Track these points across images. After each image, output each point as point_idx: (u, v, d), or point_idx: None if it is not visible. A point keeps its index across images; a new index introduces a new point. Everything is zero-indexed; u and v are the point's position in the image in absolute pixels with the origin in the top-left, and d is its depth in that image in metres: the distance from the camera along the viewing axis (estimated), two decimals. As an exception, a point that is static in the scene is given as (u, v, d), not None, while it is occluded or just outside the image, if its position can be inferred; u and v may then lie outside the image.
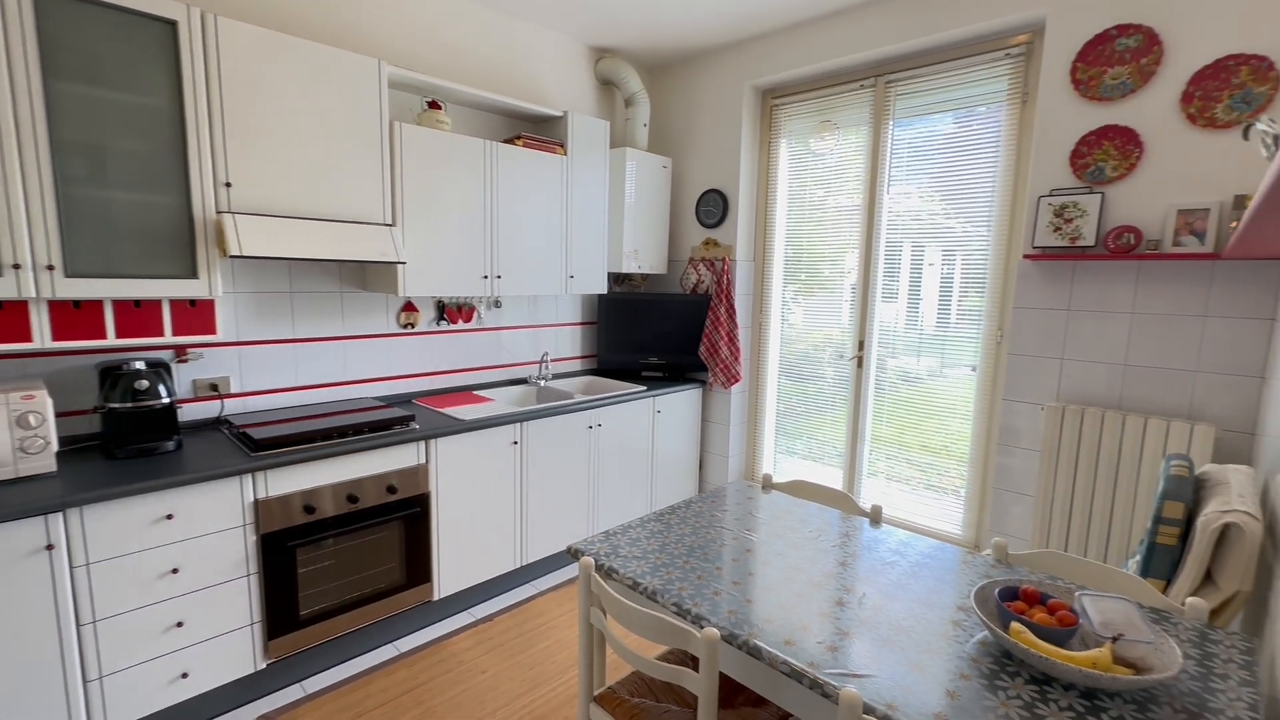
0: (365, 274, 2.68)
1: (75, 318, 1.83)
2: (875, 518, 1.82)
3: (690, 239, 3.67)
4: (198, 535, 1.86)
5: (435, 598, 2.49)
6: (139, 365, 2.01)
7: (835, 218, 3.21)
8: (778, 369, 3.60)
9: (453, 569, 2.53)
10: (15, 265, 1.68)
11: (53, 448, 1.75)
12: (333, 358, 2.66)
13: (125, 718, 1.79)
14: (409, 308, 2.87)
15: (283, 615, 2.07)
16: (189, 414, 2.30)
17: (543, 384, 3.30)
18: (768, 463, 3.69)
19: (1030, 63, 2.51)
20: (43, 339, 1.77)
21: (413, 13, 2.73)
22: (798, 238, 3.42)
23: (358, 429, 2.26)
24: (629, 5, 2.92)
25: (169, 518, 1.80)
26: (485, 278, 2.77)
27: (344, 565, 2.21)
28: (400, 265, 2.47)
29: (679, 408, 3.48)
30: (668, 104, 3.71)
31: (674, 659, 1.60)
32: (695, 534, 1.68)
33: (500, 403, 2.86)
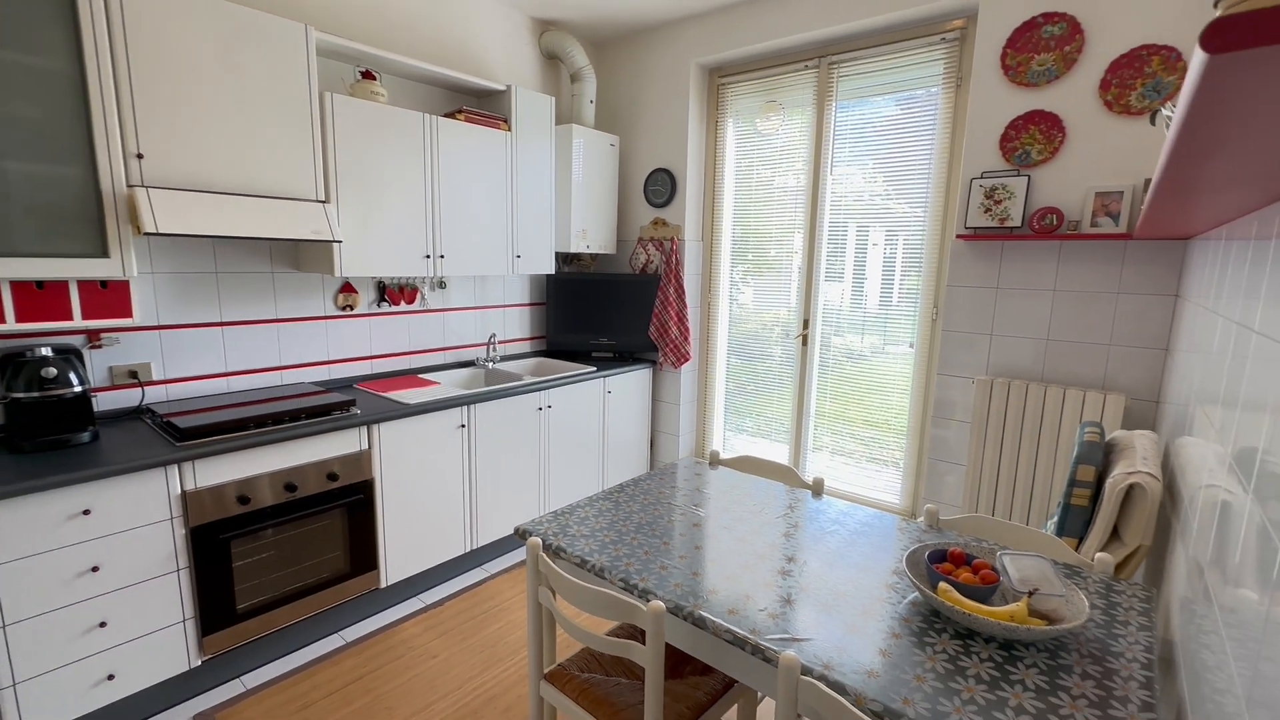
0: (298, 253, 2.55)
1: (-33, 300, 1.67)
2: (817, 490, 1.88)
3: (639, 219, 3.66)
4: (119, 531, 1.76)
5: (383, 585, 2.44)
6: (45, 352, 1.86)
7: (781, 198, 3.26)
8: (727, 348, 3.65)
9: (400, 555, 2.49)
10: (-109, 242, 1.52)
11: (-53, 442, 1.61)
12: (265, 342, 2.53)
13: (45, 725, 1.69)
14: (347, 289, 2.76)
15: (218, 610, 1.99)
16: (107, 403, 2.16)
17: (491, 366, 3.25)
18: (718, 441, 3.76)
19: (964, 48, 2.59)
20: (-71, 324, 1.62)
21: (343, -24, 2.58)
22: (745, 218, 3.45)
23: (294, 415, 2.17)
24: (573, -24, 2.84)
25: (86, 513, 1.69)
26: (428, 257, 2.69)
27: (284, 556, 2.14)
28: (336, 244, 2.36)
29: (629, 388, 3.49)
30: (614, 81, 3.66)
31: (624, 634, 1.62)
32: (643, 511, 1.70)
33: (447, 386, 2.80)
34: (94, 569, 1.72)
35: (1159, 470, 1.52)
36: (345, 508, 2.28)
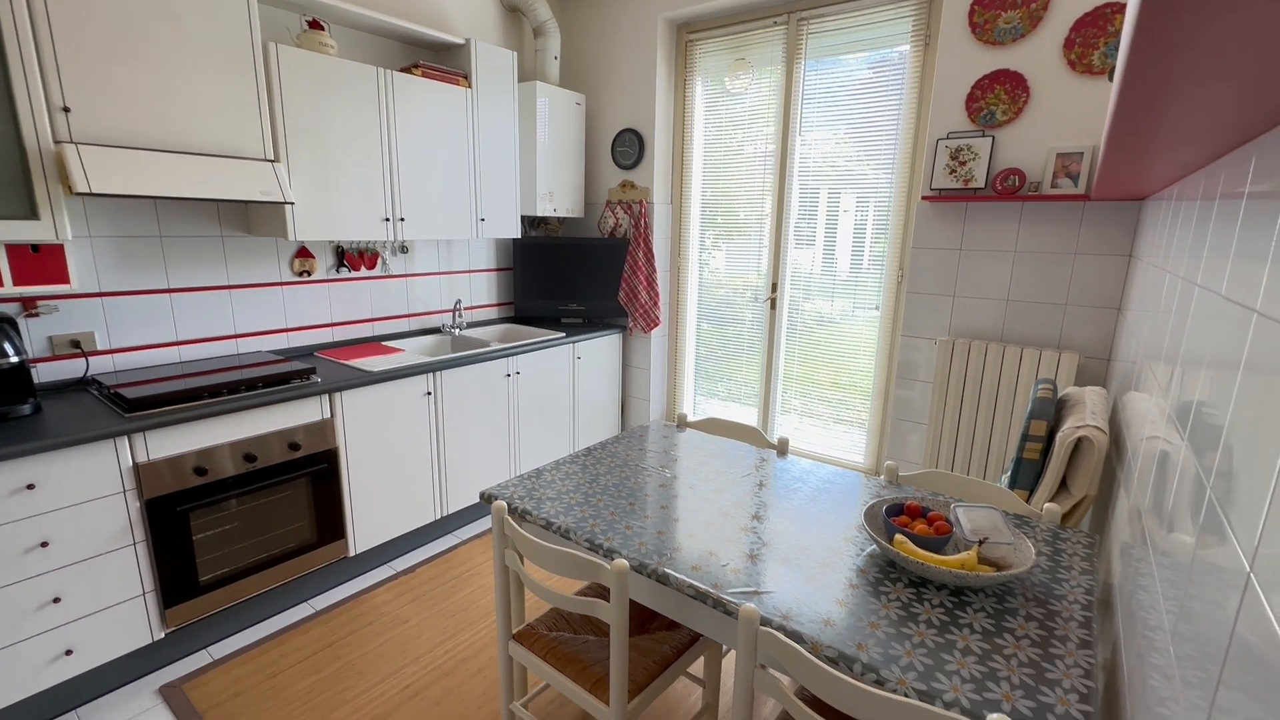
0: (249, 216, 2.44)
1: (-118, 266, 1.56)
2: (782, 449, 1.91)
3: (607, 181, 3.58)
4: (68, 505, 1.70)
5: (351, 554, 2.43)
6: (-25, 320, 1.76)
7: (752, 161, 3.22)
8: (697, 313, 3.65)
9: (368, 524, 2.47)
10: None
11: None
12: (218, 310, 2.44)
13: (0, 702, 1.65)
14: (303, 254, 2.66)
15: (179, 582, 1.96)
16: (48, 374, 2.06)
17: (457, 333, 3.19)
18: (688, 405, 3.79)
19: (933, 4, 2.56)
20: None
21: (284, -85, 2.41)
22: (715, 182, 3.41)
23: (250, 384, 2.11)
24: (533, -78, 2.70)
25: (30, 488, 1.63)
26: (387, 220, 2.60)
27: (247, 527, 2.10)
28: (288, 206, 2.26)
29: (599, 353, 3.47)
30: (580, 36, 3.53)
31: (592, 593, 1.64)
32: (610, 473, 1.71)
33: (411, 353, 2.75)
34: (43, 544, 1.67)
35: (1106, 424, 1.58)
36: (309, 477, 2.24)
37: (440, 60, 2.96)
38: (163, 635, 1.95)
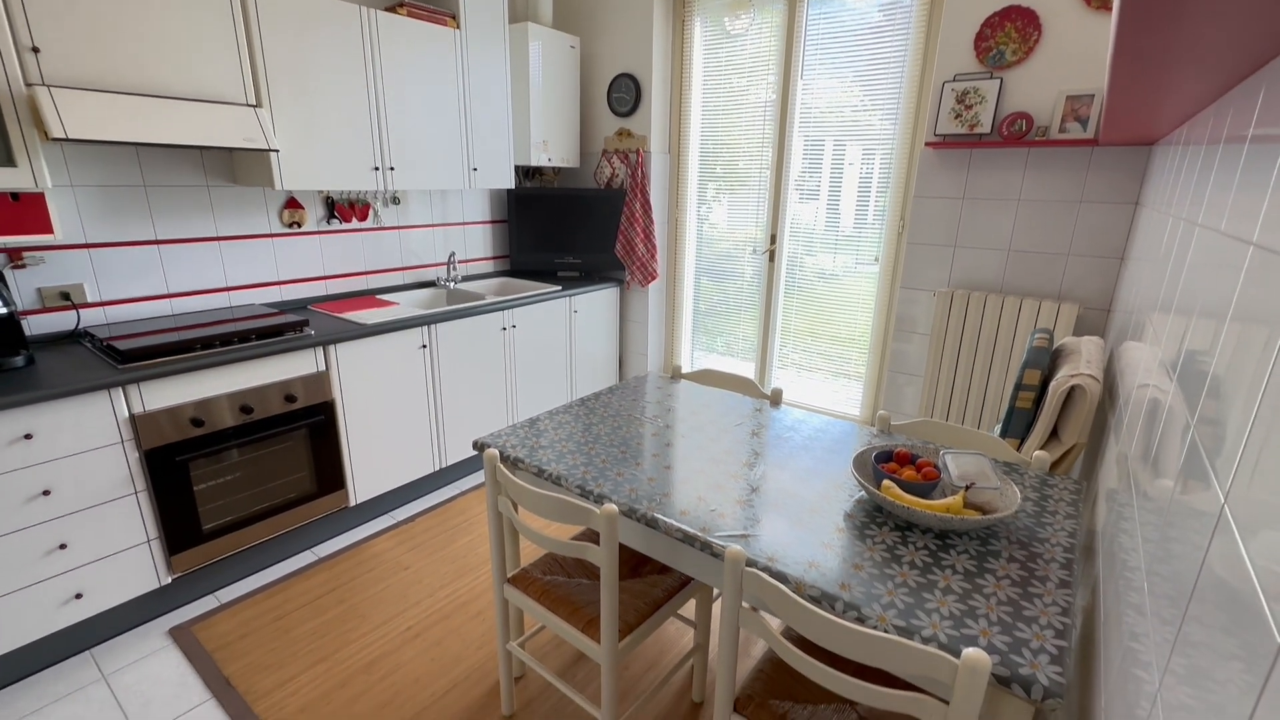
0: (234, 164, 2.38)
1: None
2: (775, 400, 1.91)
3: (603, 129, 3.48)
4: (66, 455, 1.72)
5: (352, 504, 2.47)
6: (-40, 271, 1.74)
7: (753, 109, 3.11)
8: (695, 266, 3.60)
9: (368, 475, 2.50)
10: None
11: None
12: (208, 261, 2.41)
13: (17, 642, 1.71)
14: (292, 204, 2.61)
15: (183, 530, 2.00)
16: (40, 327, 2.06)
17: (452, 286, 3.16)
18: (686, 360, 3.79)
19: (944, -65, 2.42)
20: None
21: None
22: (714, 130, 3.31)
23: (243, 336, 2.10)
24: None
25: (28, 437, 1.64)
26: (376, 170, 2.54)
27: (248, 477, 2.13)
28: (273, 154, 2.20)
29: (596, 307, 3.45)
30: (574, -27, 3.37)
31: (586, 538, 1.67)
32: (603, 422, 1.72)
33: (406, 306, 2.73)
34: (45, 493, 1.69)
35: (1100, 373, 1.57)
36: (308, 429, 2.26)
37: (427, -1, 2.83)
38: (169, 580, 2.01)
